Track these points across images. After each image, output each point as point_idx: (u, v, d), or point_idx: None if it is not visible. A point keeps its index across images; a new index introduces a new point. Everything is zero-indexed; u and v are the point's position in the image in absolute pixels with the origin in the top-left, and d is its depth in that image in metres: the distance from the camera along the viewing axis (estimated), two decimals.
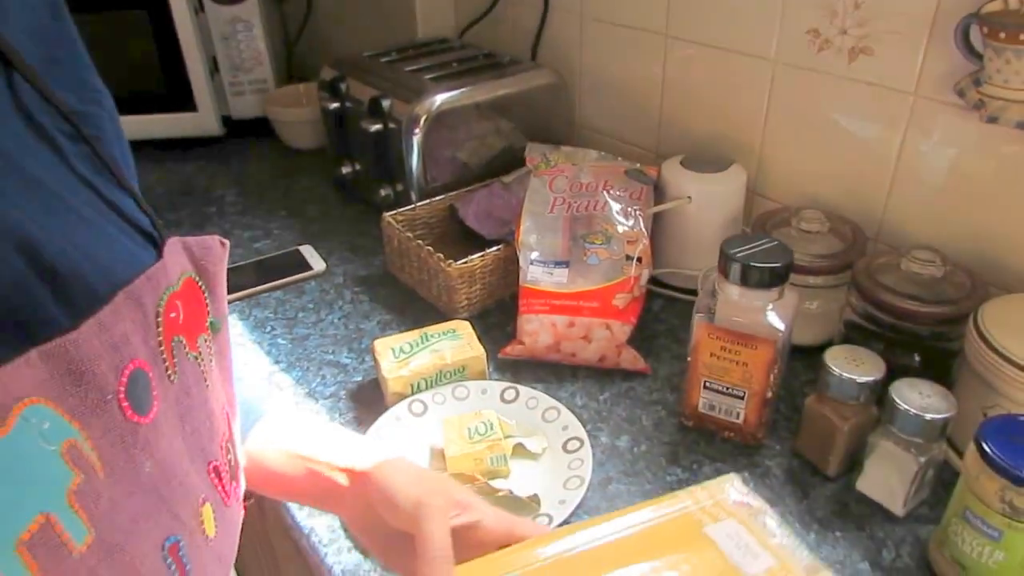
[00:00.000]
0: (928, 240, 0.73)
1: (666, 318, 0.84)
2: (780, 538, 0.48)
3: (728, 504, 0.50)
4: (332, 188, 1.17)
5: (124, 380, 0.31)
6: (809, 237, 0.75)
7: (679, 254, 0.86)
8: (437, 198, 0.96)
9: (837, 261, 0.73)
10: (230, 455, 0.40)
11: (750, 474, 0.63)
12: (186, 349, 0.36)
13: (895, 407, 0.56)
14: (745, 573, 0.45)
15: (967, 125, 0.68)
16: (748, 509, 0.50)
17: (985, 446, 0.49)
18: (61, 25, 0.36)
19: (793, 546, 0.48)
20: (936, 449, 0.57)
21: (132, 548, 0.31)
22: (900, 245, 0.76)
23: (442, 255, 0.82)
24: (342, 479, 0.48)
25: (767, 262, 0.60)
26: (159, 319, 0.33)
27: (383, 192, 1.02)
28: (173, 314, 0.34)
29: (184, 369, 0.35)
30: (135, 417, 0.31)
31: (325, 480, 0.48)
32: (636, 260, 0.77)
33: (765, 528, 0.49)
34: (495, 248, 0.84)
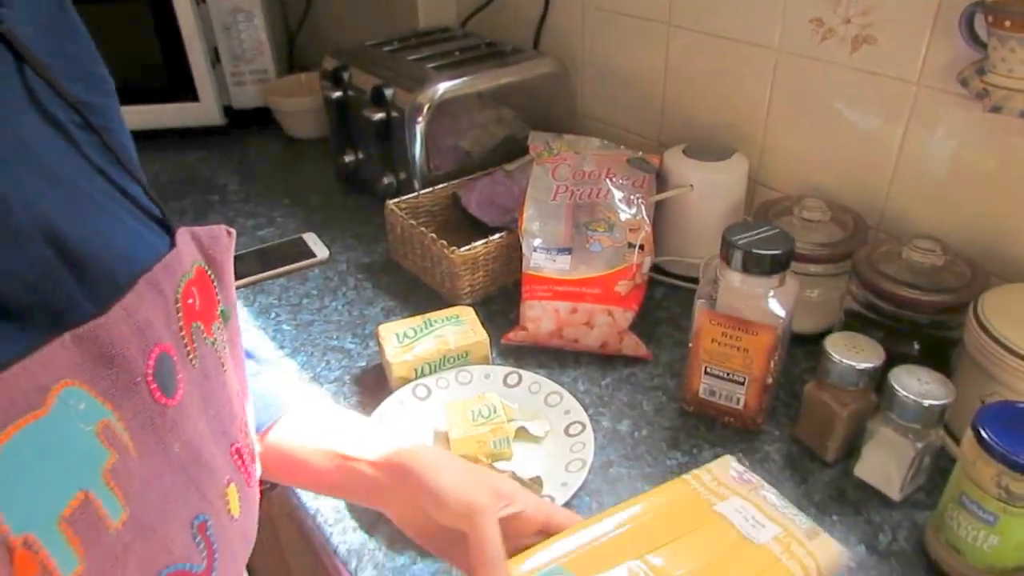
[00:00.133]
0: (930, 229, 0.73)
1: (668, 305, 0.85)
2: (780, 508, 0.52)
3: (730, 482, 0.54)
4: (334, 177, 1.17)
5: (151, 363, 0.31)
6: (811, 226, 0.76)
7: (681, 242, 0.86)
8: (440, 186, 0.96)
9: (838, 250, 0.73)
10: (248, 439, 0.41)
11: (749, 459, 0.64)
12: (204, 335, 0.36)
13: (894, 393, 0.57)
14: (755, 542, 0.49)
15: (970, 115, 0.69)
16: (748, 485, 0.53)
17: (982, 432, 0.49)
18: (67, 16, 0.36)
19: (792, 514, 0.52)
20: (933, 435, 0.57)
21: (163, 526, 0.31)
22: (902, 234, 0.76)
23: (445, 242, 0.82)
24: (384, 477, 0.48)
25: (769, 249, 0.60)
26: (178, 305, 0.34)
27: (386, 181, 1.03)
28: (190, 300, 0.35)
29: (203, 354, 0.36)
30: (163, 399, 0.32)
31: (367, 478, 0.48)
32: (638, 247, 0.78)
33: (766, 500, 0.53)
34: (498, 235, 0.84)
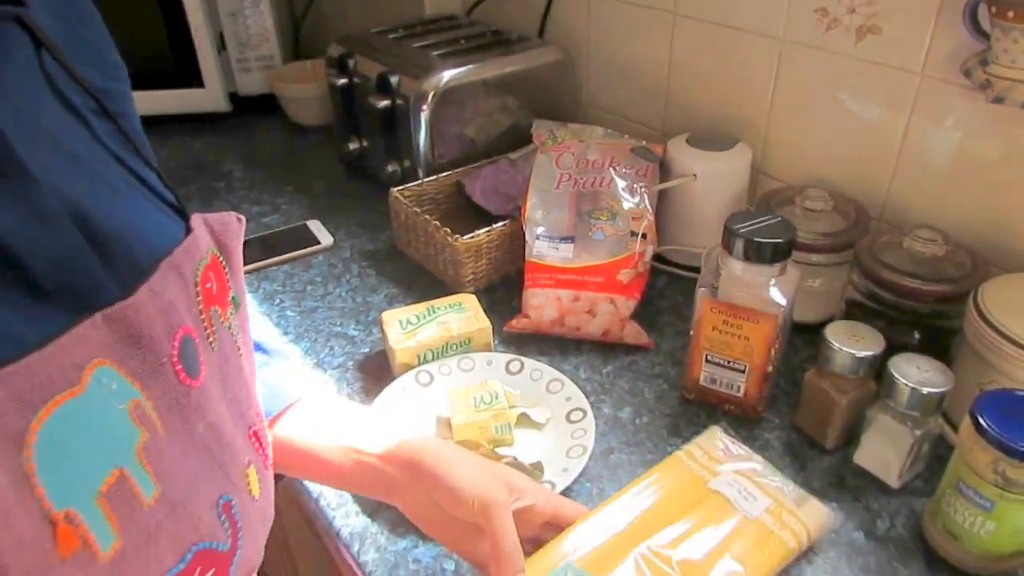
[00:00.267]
0: (931, 220, 0.73)
1: (670, 294, 0.85)
2: (768, 478, 0.54)
3: (720, 456, 0.56)
4: (339, 164, 1.17)
5: (176, 344, 0.32)
6: (813, 216, 0.76)
7: (684, 231, 0.87)
8: (444, 174, 0.97)
9: (840, 240, 0.74)
10: (263, 423, 0.41)
11: (749, 446, 0.64)
12: (221, 319, 0.36)
13: (893, 381, 0.57)
14: (749, 515, 0.51)
15: (973, 106, 0.69)
16: (737, 457, 0.55)
17: (980, 418, 0.50)
18: (82, 2, 0.36)
19: (781, 482, 0.55)
20: (932, 423, 0.58)
21: (191, 504, 0.32)
22: (904, 224, 0.76)
23: (448, 230, 0.83)
24: (395, 472, 0.48)
25: (770, 238, 0.61)
26: (197, 288, 0.34)
27: (390, 168, 1.03)
28: (208, 285, 0.35)
29: (221, 337, 0.36)
30: (187, 380, 0.32)
31: (377, 472, 0.49)
32: (641, 236, 0.78)
33: (755, 471, 0.55)
34: (501, 223, 0.84)
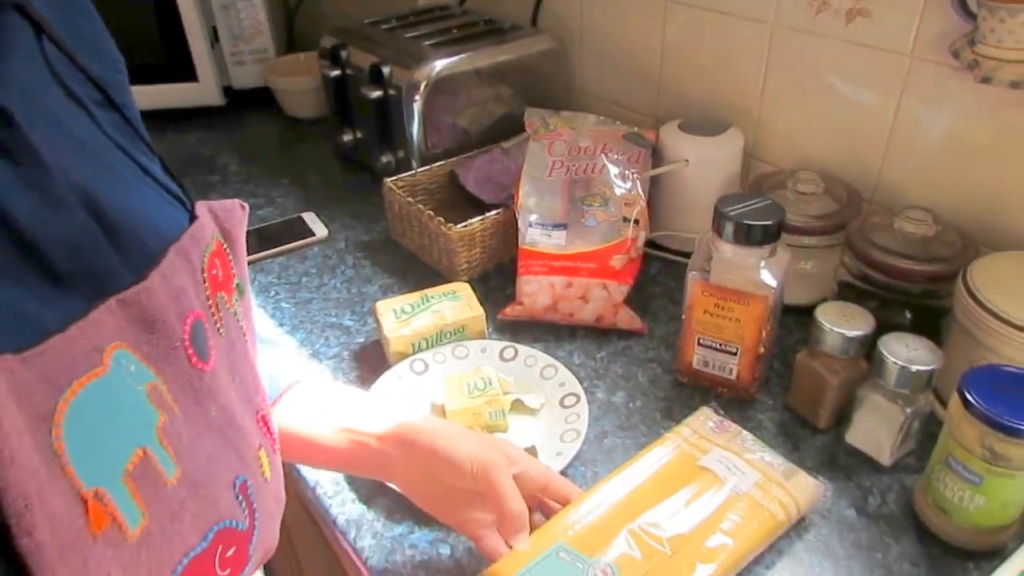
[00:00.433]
0: (922, 200, 0.74)
1: (663, 280, 0.86)
2: (757, 452, 0.54)
3: (709, 434, 0.56)
4: (334, 156, 1.18)
5: (187, 329, 0.32)
6: (805, 198, 0.76)
7: (677, 217, 0.87)
8: (437, 164, 0.97)
9: (832, 222, 0.74)
10: (268, 407, 0.42)
11: (743, 428, 0.65)
12: (227, 305, 0.37)
13: (883, 360, 0.58)
14: (739, 490, 0.52)
15: (962, 86, 0.69)
16: (727, 433, 0.55)
17: (968, 394, 0.50)
18: None
19: (769, 456, 0.55)
20: (922, 400, 0.58)
21: (211, 485, 0.32)
22: (895, 206, 0.76)
23: (442, 219, 0.83)
24: (391, 449, 0.50)
25: (759, 220, 0.61)
26: (204, 275, 0.34)
27: (384, 159, 1.03)
28: (214, 271, 0.35)
29: (228, 323, 0.36)
30: (199, 364, 0.33)
31: (373, 452, 0.50)
32: (633, 222, 0.78)
33: (744, 445, 0.55)
34: (495, 212, 0.85)
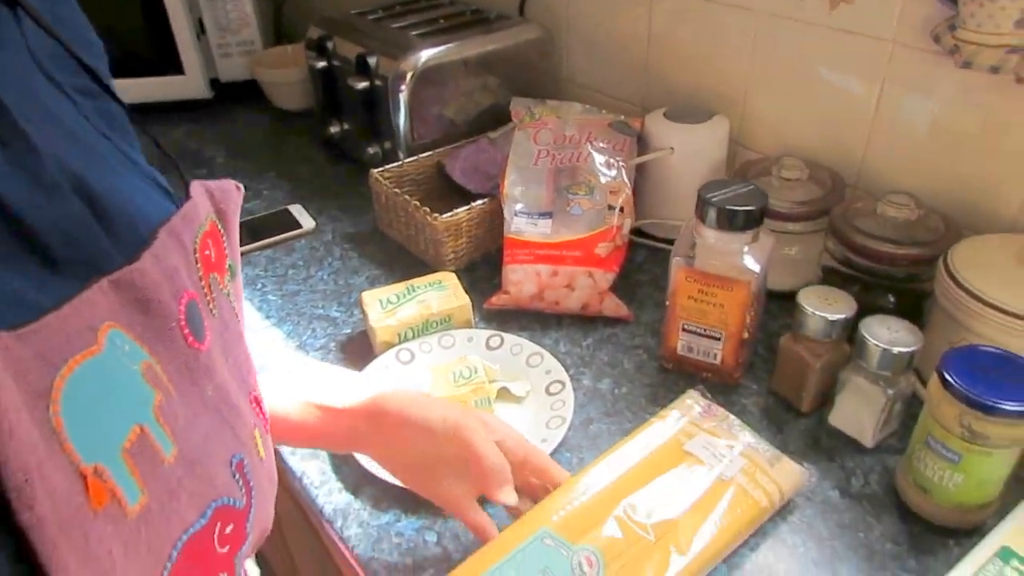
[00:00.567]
0: (906, 185, 0.74)
1: (649, 268, 0.86)
2: (744, 438, 0.54)
3: (696, 418, 0.56)
4: (321, 148, 1.17)
5: (183, 309, 0.32)
6: (789, 185, 0.77)
7: (662, 205, 0.87)
8: (424, 155, 0.97)
9: (816, 207, 0.74)
10: (259, 388, 0.42)
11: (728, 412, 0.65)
12: (220, 286, 0.37)
13: (864, 342, 0.58)
14: (724, 476, 0.53)
15: (944, 71, 0.69)
16: (714, 418, 0.55)
17: (946, 374, 0.51)
18: None
19: (755, 442, 0.54)
20: (904, 382, 0.59)
21: (207, 463, 0.32)
22: (879, 191, 0.77)
23: (428, 209, 0.83)
24: (362, 423, 0.50)
25: (742, 205, 0.61)
26: (196, 256, 0.34)
27: (371, 150, 1.03)
28: (207, 252, 0.35)
29: (221, 304, 0.36)
30: (195, 344, 0.33)
31: (346, 426, 0.51)
32: (618, 210, 0.79)
33: (731, 430, 0.55)
34: (481, 202, 0.85)
